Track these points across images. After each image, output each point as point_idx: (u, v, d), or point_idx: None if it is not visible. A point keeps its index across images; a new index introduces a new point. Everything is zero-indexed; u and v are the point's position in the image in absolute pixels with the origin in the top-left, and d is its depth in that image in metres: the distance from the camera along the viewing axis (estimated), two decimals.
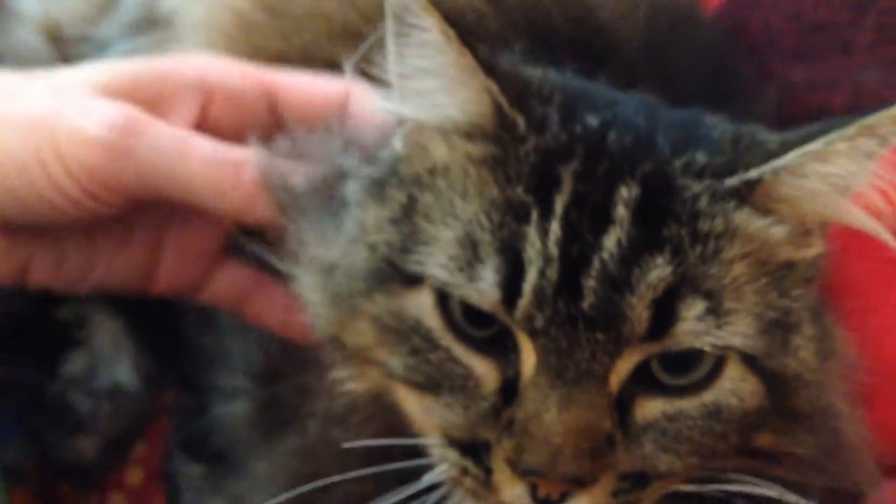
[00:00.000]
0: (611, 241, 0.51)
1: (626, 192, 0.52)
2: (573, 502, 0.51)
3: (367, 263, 0.55)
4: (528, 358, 0.52)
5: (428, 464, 0.55)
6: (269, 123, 0.68)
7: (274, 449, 0.64)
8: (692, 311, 0.51)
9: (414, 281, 0.54)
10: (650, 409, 0.53)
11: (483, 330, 0.53)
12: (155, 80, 0.68)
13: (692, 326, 0.51)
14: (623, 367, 0.52)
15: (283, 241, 0.62)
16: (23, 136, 0.63)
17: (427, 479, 0.54)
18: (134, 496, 0.83)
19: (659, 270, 0.50)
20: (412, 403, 0.56)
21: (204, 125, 0.68)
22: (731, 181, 0.53)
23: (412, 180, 0.57)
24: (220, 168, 0.64)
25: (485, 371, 0.53)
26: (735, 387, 0.53)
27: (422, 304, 0.54)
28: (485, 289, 0.52)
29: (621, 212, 0.52)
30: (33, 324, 0.81)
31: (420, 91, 0.55)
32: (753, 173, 0.53)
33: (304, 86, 0.69)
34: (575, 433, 0.50)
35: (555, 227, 0.51)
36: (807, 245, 0.56)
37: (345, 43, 0.69)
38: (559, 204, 0.52)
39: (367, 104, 0.61)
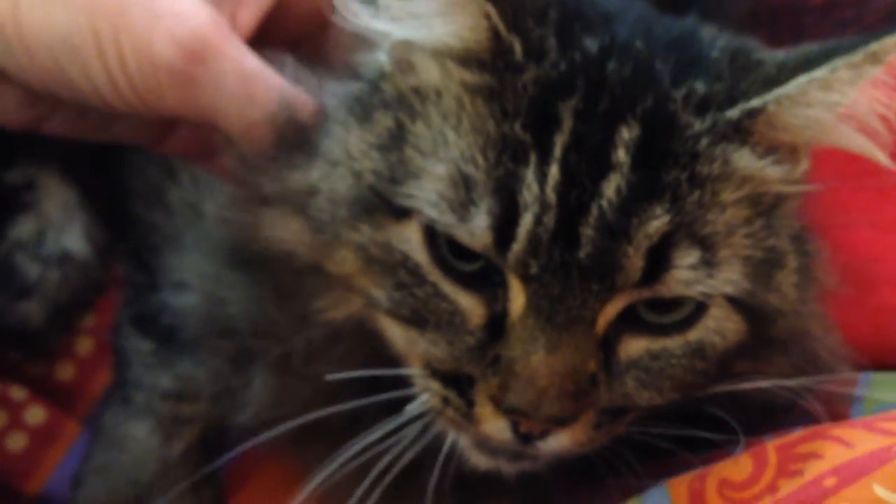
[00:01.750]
0: (610, 188, 0.49)
1: (627, 133, 0.50)
2: (555, 437, 0.51)
3: (352, 191, 0.53)
4: (517, 297, 0.51)
5: (410, 395, 0.54)
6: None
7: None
8: (686, 260, 0.50)
9: (402, 214, 0.52)
10: (634, 347, 0.52)
11: (471, 264, 0.52)
12: None
13: (684, 275, 0.50)
14: (611, 311, 0.51)
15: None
16: (80, 17, 0.57)
17: (409, 411, 0.54)
18: (82, 366, 0.82)
19: (657, 221, 0.49)
20: (395, 333, 0.55)
21: (277, 23, 0.64)
22: (733, 112, 0.51)
23: (398, 101, 0.54)
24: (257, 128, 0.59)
25: (471, 306, 0.52)
26: (719, 326, 0.53)
27: (409, 239, 0.52)
28: (477, 231, 0.50)
29: (621, 156, 0.50)
30: None
31: (414, 13, 0.52)
32: (756, 102, 0.51)
33: None
34: (561, 376, 0.49)
35: (554, 172, 0.49)
36: (796, 174, 0.54)
37: None
38: (558, 145, 0.50)
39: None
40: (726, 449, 0.55)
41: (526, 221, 0.49)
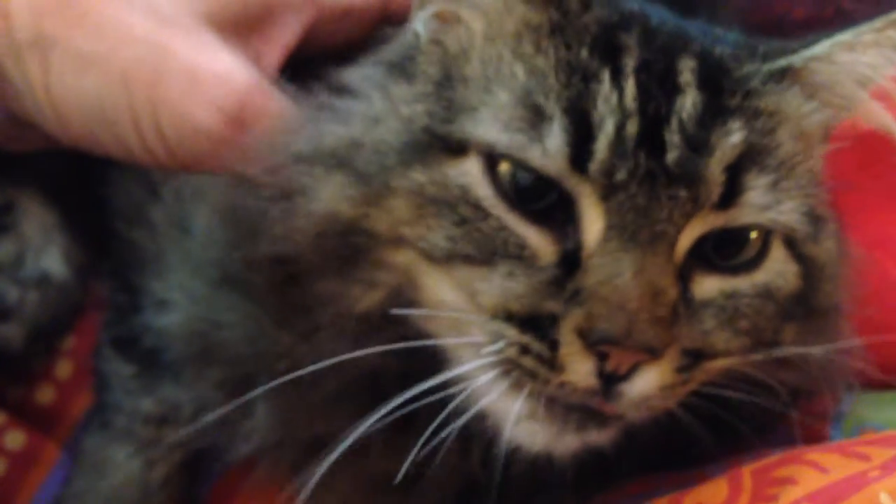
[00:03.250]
0: (686, 102, 0.51)
1: (688, 63, 0.52)
2: (641, 376, 0.49)
3: (402, 136, 0.52)
4: (593, 225, 0.50)
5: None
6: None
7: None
8: (759, 182, 0.51)
9: (459, 149, 0.51)
10: (708, 286, 0.52)
11: (535, 202, 0.51)
12: (262, 2, 0.61)
13: (758, 199, 0.51)
14: (688, 237, 0.51)
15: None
16: (113, 86, 0.55)
17: (484, 354, 0.50)
18: (63, 389, 0.82)
19: (734, 136, 0.51)
20: (448, 287, 0.52)
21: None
22: (766, 66, 0.54)
23: (443, 56, 0.55)
24: None
25: (541, 243, 0.50)
26: (781, 268, 0.54)
27: (469, 172, 0.51)
28: (552, 148, 0.49)
29: (688, 77, 0.52)
30: None
31: None
32: (784, 61, 0.54)
33: None
34: (650, 297, 0.48)
35: (630, 84, 0.51)
36: (825, 145, 0.57)
37: None
38: (629, 65, 0.51)
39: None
40: (706, 470, 0.55)
41: (608, 130, 0.49)
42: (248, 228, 0.55)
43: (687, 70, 0.52)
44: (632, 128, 0.50)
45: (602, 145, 0.49)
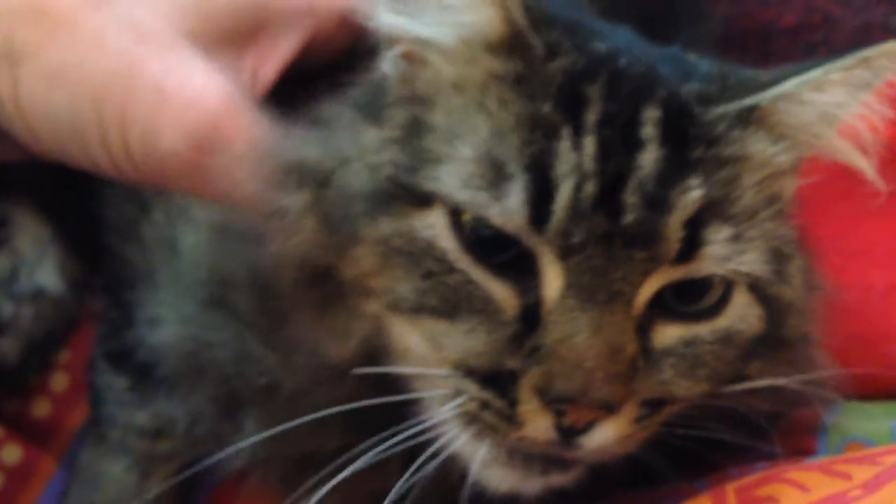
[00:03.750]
0: (647, 159, 0.50)
1: (652, 113, 0.51)
2: (599, 430, 0.50)
3: (369, 184, 0.52)
4: (553, 281, 0.50)
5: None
6: None
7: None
8: (719, 235, 0.51)
9: (424, 201, 0.51)
10: (668, 334, 0.52)
11: (498, 255, 0.51)
12: (255, 13, 0.59)
13: (718, 251, 0.51)
14: (647, 291, 0.51)
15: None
16: (83, 102, 0.54)
17: (442, 412, 0.51)
18: (58, 403, 0.82)
19: (694, 192, 0.50)
20: (416, 337, 0.52)
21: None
22: (732, 106, 0.53)
23: (411, 99, 0.54)
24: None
25: (505, 296, 0.51)
26: (743, 312, 0.53)
27: (434, 225, 0.51)
28: (511, 207, 0.49)
29: (650, 131, 0.51)
30: None
31: (442, 6, 0.53)
32: (751, 100, 0.53)
33: None
34: (607, 355, 0.49)
35: (590, 142, 0.50)
36: (796, 178, 0.56)
37: None
38: (590, 120, 0.51)
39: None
40: (695, 484, 0.55)
41: (565, 191, 0.49)
42: (235, 251, 0.56)
43: (650, 123, 0.51)
44: (589, 189, 0.49)
45: (559, 207, 0.49)
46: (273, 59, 0.60)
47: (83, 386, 0.81)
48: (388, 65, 0.55)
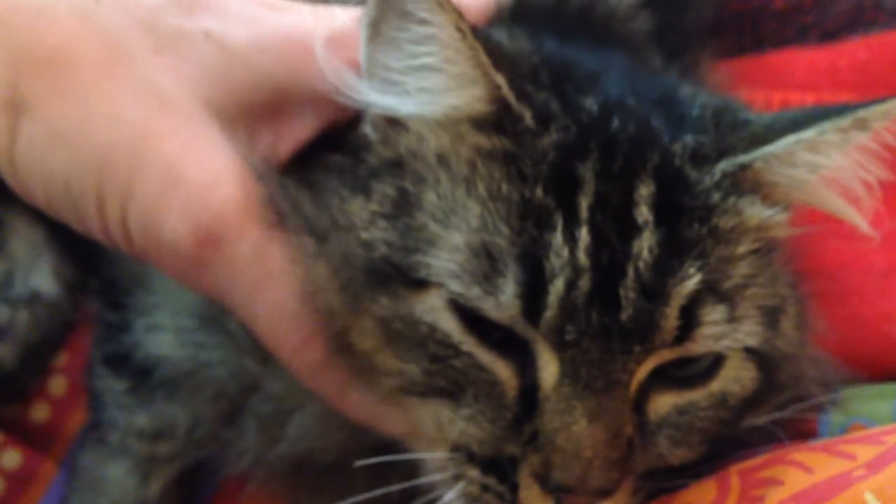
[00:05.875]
0: (643, 248, 0.49)
1: (645, 190, 0.50)
2: None
3: (365, 262, 0.51)
4: (549, 367, 0.49)
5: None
6: None
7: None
8: (713, 316, 0.50)
9: (421, 284, 0.50)
10: (663, 404, 0.52)
11: (496, 331, 0.50)
12: (277, 93, 0.55)
13: (713, 331, 0.50)
14: (642, 373, 0.50)
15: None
16: (86, 171, 0.50)
17: (433, 479, 0.52)
18: (57, 406, 0.82)
19: (691, 280, 0.49)
20: (423, 414, 0.52)
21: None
22: (726, 165, 0.51)
23: (395, 165, 0.53)
24: (283, 323, 0.52)
25: (507, 376, 0.50)
26: (737, 374, 0.53)
27: (434, 307, 0.50)
28: (504, 301, 0.48)
29: (645, 213, 0.49)
30: None
31: (423, 87, 0.51)
32: (743, 158, 0.51)
33: None
34: (604, 444, 0.48)
35: (584, 234, 0.48)
36: (788, 230, 0.55)
37: None
38: (584, 207, 0.49)
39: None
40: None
41: (558, 286, 0.48)
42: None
43: (643, 203, 0.49)
44: (584, 285, 0.48)
45: (552, 303, 0.48)
46: (290, 138, 0.57)
47: (82, 389, 0.80)
48: (369, 127, 0.54)
